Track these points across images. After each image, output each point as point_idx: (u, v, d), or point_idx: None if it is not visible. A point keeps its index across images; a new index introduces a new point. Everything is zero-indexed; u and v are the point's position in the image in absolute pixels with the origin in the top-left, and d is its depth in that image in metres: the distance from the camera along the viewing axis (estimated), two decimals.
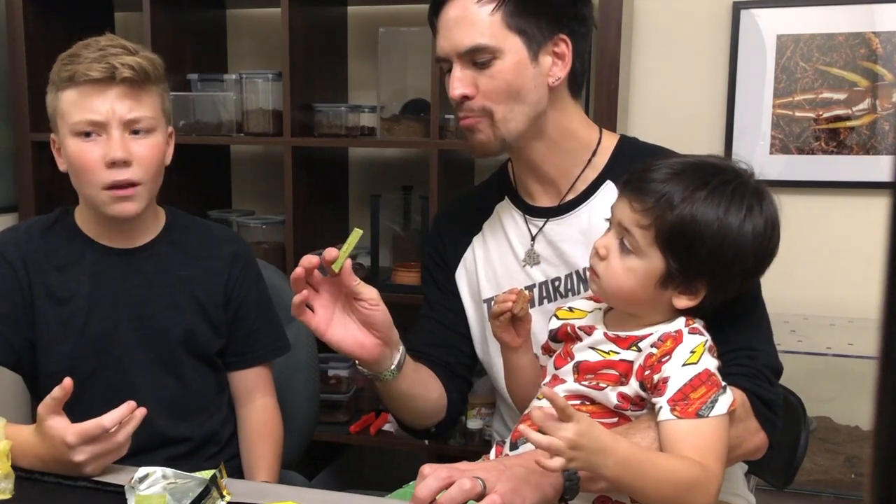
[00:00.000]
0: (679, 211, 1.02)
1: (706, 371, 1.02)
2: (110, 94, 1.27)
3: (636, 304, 1.09)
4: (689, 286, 1.05)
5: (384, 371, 1.22)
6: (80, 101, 1.27)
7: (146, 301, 1.37)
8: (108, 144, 1.28)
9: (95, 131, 1.28)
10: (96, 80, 1.26)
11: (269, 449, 1.43)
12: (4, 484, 1.09)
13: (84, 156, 1.28)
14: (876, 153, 2.09)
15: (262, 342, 1.47)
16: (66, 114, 1.28)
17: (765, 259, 1.07)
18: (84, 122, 1.27)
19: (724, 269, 1.04)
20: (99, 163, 1.28)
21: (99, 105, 1.27)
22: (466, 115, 1.24)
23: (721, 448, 1.01)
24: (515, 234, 1.35)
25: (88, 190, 1.31)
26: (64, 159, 1.33)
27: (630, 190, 1.07)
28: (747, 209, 1.03)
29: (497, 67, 1.20)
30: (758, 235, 1.04)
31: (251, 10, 2.52)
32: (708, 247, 1.02)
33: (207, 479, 1.07)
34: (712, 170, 1.06)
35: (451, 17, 1.22)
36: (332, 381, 2.29)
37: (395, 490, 1.21)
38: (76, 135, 1.28)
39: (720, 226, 1.02)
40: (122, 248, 1.38)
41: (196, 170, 2.30)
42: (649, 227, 1.03)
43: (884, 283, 0.33)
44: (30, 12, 2.26)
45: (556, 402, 0.90)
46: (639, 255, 1.05)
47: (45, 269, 1.34)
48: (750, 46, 2.14)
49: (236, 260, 1.45)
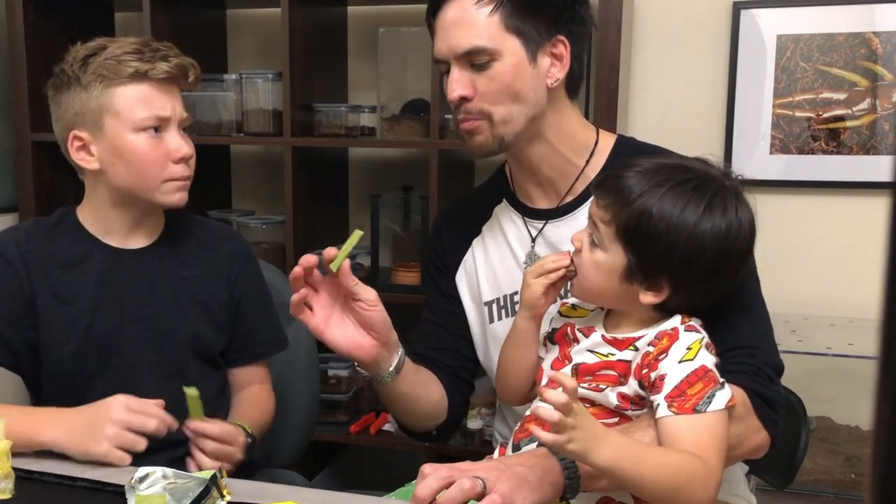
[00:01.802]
0: (636, 205, 1.04)
1: (703, 367, 1.03)
2: (173, 92, 1.33)
3: (606, 299, 1.12)
4: (651, 282, 1.06)
5: (383, 373, 1.21)
6: (148, 97, 1.29)
7: (151, 302, 1.37)
8: (174, 141, 1.32)
9: (161, 127, 1.31)
10: (165, 78, 1.30)
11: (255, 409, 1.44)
12: (4, 484, 1.09)
13: (151, 150, 1.30)
14: (876, 153, 2.09)
15: (261, 339, 1.48)
16: (129, 109, 1.29)
17: (730, 259, 1.07)
18: (153, 117, 1.30)
19: (682, 265, 1.05)
20: (164, 157, 1.31)
21: (165, 102, 1.31)
22: (465, 117, 1.23)
23: (720, 443, 1.01)
24: (515, 237, 1.35)
25: (147, 183, 1.32)
26: (101, 156, 1.31)
27: (597, 187, 1.11)
28: (707, 207, 1.04)
29: (495, 69, 1.19)
30: (718, 233, 1.05)
31: (251, 10, 2.52)
32: (663, 242, 1.04)
33: (207, 479, 1.07)
34: (679, 169, 1.08)
35: (449, 18, 1.21)
36: (332, 381, 2.29)
37: (395, 489, 1.21)
38: (140, 130, 1.30)
39: (675, 221, 1.04)
40: (129, 248, 1.38)
41: (196, 170, 2.29)
42: (610, 221, 1.07)
43: (884, 283, 0.33)
44: (30, 12, 2.26)
45: (564, 383, 0.91)
46: (604, 250, 1.08)
47: (48, 267, 1.34)
48: (750, 46, 2.14)
49: (236, 257, 1.46)
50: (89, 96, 1.29)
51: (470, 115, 1.23)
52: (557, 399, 0.89)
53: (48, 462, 1.19)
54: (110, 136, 1.30)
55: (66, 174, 1.36)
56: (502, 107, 1.21)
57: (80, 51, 1.31)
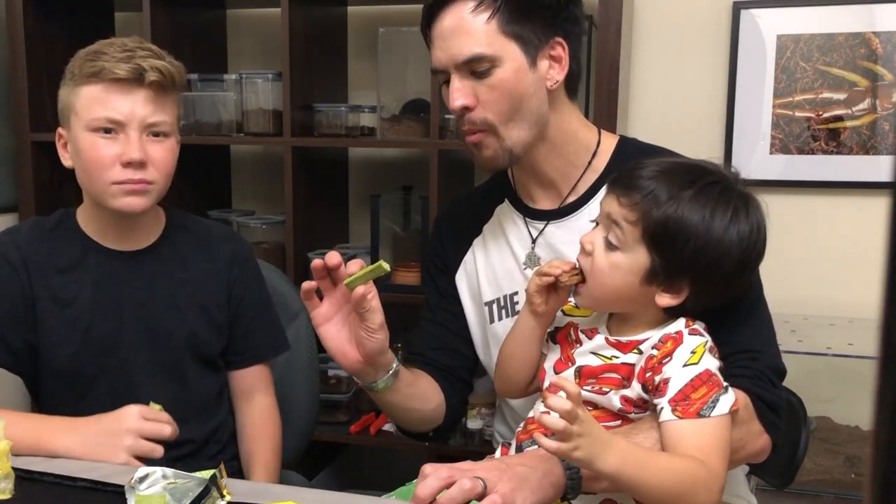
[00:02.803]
0: (666, 208, 1.03)
1: (707, 371, 1.02)
2: (135, 95, 1.28)
3: (620, 302, 1.10)
4: (672, 284, 1.06)
5: (370, 382, 1.23)
6: (102, 98, 1.27)
7: (149, 303, 1.37)
8: (125, 144, 1.27)
9: (114, 129, 1.28)
10: (122, 79, 1.26)
11: (267, 448, 1.44)
12: (4, 484, 1.09)
13: (98, 151, 1.27)
14: (876, 153, 2.09)
15: (261, 341, 1.47)
16: (84, 109, 1.28)
17: (748, 263, 1.08)
18: (103, 118, 1.27)
19: (708, 269, 1.04)
20: (113, 160, 1.27)
21: (121, 105, 1.27)
22: (470, 128, 1.22)
23: (723, 447, 1.01)
24: (516, 237, 1.35)
25: (97, 185, 1.30)
26: (70, 154, 1.32)
27: (618, 185, 1.09)
28: (733, 212, 1.05)
29: (497, 76, 1.19)
30: (742, 238, 1.05)
31: (251, 10, 2.52)
32: (693, 245, 1.03)
33: (207, 479, 1.07)
34: (700, 171, 1.08)
35: (447, 27, 1.20)
36: (332, 381, 2.29)
37: (395, 489, 1.21)
38: (93, 130, 1.28)
39: (706, 225, 1.03)
40: (126, 249, 1.37)
41: (196, 170, 2.30)
42: (636, 222, 1.05)
43: (884, 283, 0.33)
44: (30, 12, 2.26)
45: (568, 389, 0.90)
46: (624, 251, 1.06)
47: (47, 271, 1.34)
48: (750, 46, 2.14)
49: (236, 258, 1.45)
50: (67, 94, 1.31)
51: (475, 127, 1.22)
52: (562, 406, 0.88)
53: (48, 462, 1.19)
54: (73, 135, 1.31)
55: (66, 174, 1.36)
56: (505, 116, 1.20)
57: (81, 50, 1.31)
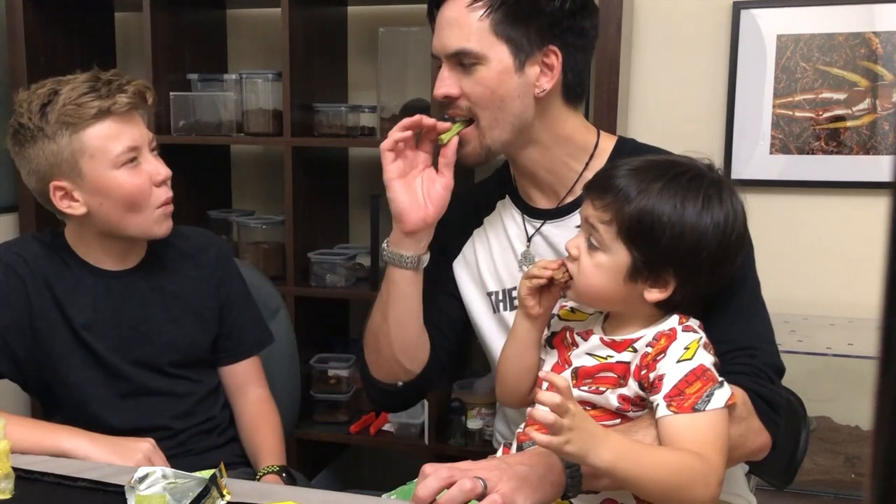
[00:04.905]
0: (637, 203, 1.05)
1: (701, 366, 1.03)
2: (135, 119, 1.33)
3: (610, 302, 1.11)
4: (657, 278, 1.06)
5: (411, 255, 1.24)
6: (114, 132, 1.29)
7: (146, 319, 1.40)
8: (149, 166, 1.32)
9: (136, 156, 1.31)
10: (126, 110, 1.30)
11: (270, 434, 1.48)
12: (4, 484, 1.09)
13: (136, 182, 1.31)
14: (876, 153, 2.09)
15: (247, 335, 1.52)
16: (101, 149, 1.28)
17: (729, 248, 1.08)
18: (127, 150, 1.29)
19: (687, 257, 1.05)
20: (147, 183, 1.32)
21: (131, 132, 1.31)
22: (456, 112, 1.24)
23: (720, 441, 1.01)
24: (514, 234, 1.35)
25: (140, 217, 1.33)
26: (85, 200, 1.30)
27: (592, 189, 1.10)
28: (705, 198, 1.06)
29: (480, 74, 1.20)
30: (717, 223, 1.06)
31: (251, 10, 2.52)
32: (668, 235, 1.04)
33: (207, 479, 1.07)
34: (668, 164, 1.09)
35: (446, 16, 1.22)
36: (332, 381, 2.29)
37: (395, 488, 1.21)
38: (121, 165, 1.29)
39: (678, 214, 1.04)
40: (118, 269, 1.40)
41: (196, 170, 2.30)
42: (611, 221, 1.06)
43: (884, 283, 0.33)
44: (30, 12, 2.26)
45: (556, 383, 0.91)
46: (605, 251, 1.07)
47: (51, 289, 1.36)
48: (750, 46, 2.14)
49: (220, 260, 1.50)
50: (59, 146, 1.27)
51: (461, 112, 1.23)
52: (551, 400, 0.89)
53: (48, 462, 1.19)
54: (92, 179, 1.29)
55: None
56: (487, 112, 1.21)
57: (32, 100, 1.28)
